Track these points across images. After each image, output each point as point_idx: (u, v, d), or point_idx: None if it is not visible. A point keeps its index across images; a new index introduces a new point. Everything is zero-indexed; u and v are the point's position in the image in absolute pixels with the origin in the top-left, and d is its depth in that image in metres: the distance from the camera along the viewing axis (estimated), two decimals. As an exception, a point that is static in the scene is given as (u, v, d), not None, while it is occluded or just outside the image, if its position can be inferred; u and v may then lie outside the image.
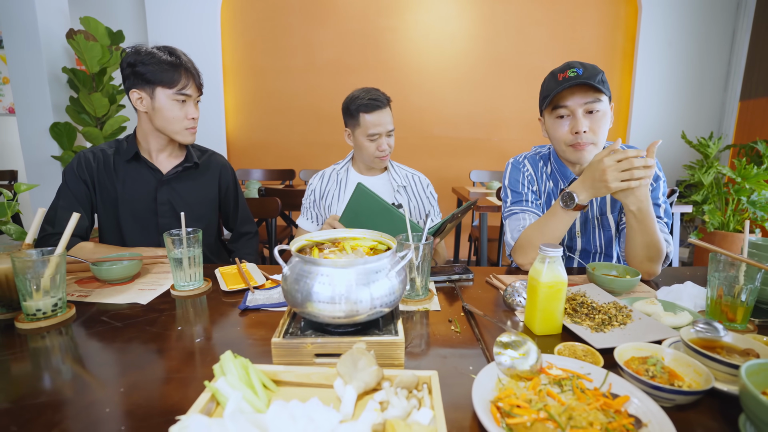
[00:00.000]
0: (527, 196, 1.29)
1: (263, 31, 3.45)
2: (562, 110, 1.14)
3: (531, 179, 1.31)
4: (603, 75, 1.12)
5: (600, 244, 1.29)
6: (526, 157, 1.34)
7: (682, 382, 0.59)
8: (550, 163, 1.31)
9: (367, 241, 0.83)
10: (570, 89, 1.11)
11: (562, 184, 1.27)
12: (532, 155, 1.35)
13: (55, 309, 0.83)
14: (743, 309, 0.79)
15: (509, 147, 3.61)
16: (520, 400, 0.55)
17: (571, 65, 1.14)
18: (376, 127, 1.41)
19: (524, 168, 1.32)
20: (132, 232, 1.32)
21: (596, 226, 1.28)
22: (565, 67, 1.14)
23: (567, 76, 1.12)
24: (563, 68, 1.14)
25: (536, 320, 0.80)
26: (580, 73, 1.11)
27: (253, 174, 3.26)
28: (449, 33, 3.44)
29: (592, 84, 1.08)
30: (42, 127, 2.78)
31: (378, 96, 1.42)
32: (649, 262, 1.09)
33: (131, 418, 0.56)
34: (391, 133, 1.45)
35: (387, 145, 1.45)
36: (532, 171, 1.31)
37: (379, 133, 1.42)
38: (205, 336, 0.80)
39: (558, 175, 1.28)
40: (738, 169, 2.83)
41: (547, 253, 0.78)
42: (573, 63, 1.14)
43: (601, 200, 1.27)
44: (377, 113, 1.41)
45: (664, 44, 3.38)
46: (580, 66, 1.12)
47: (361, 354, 0.59)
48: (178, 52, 1.26)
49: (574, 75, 1.11)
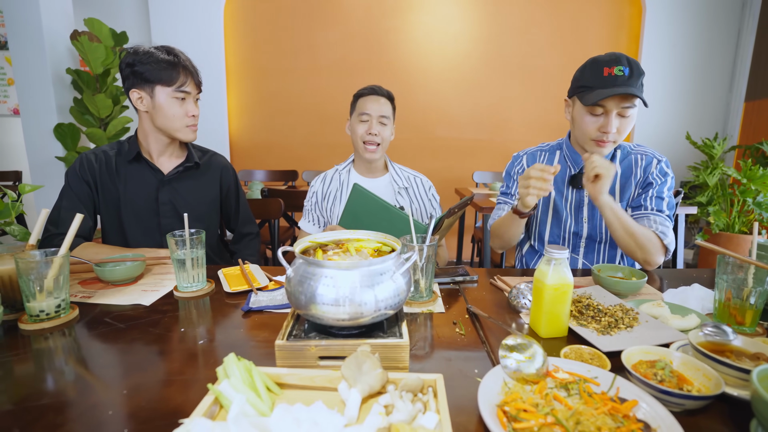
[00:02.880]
0: (513, 190, 1.41)
1: (266, 32, 3.46)
2: (598, 109, 1.15)
3: (523, 170, 1.38)
4: (643, 77, 1.12)
5: (606, 232, 1.32)
6: (526, 153, 1.43)
7: (691, 387, 0.58)
8: (560, 151, 1.36)
9: (372, 243, 0.83)
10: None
11: (572, 170, 1.32)
12: (534, 151, 1.42)
13: (59, 310, 0.83)
14: (752, 312, 0.78)
15: (512, 148, 3.60)
16: (526, 404, 0.54)
17: (619, 60, 1.11)
18: (368, 109, 1.44)
19: (519, 163, 1.42)
20: (134, 232, 1.32)
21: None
22: (613, 61, 1.11)
23: (613, 75, 1.10)
24: (610, 62, 1.11)
25: (542, 323, 0.79)
26: (627, 73, 1.09)
27: (256, 175, 3.26)
28: (452, 34, 3.43)
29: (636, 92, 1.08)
30: (46, 128, 2.79)
31: (377, 87, 1.48)
32: (642, 251, 1.16)
33: (134, 421, 0.55)
34: (384, 121, 1.45)
35: (378, 131, 1.43)
36: (527, 164, 1.40)
37: (370, 115, 1.43)
38: (208, 338, 0.79)
39: (569, 161, 1.33)
40: (743, 170, 2.81)
41: (552, 255, 0.77)
42: (620, 58, 1.11)
43: (610, 189, 1.28)
44: (371, 97, 1.46)
45: (668, 45, 3.36)
46: (627, 64, 1.10)
47: (366, 357, 0.58)
48: (176, 50, 1.26)
49: (620, 75, 1.10)
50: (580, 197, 1.33)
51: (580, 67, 1.21)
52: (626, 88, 1.09)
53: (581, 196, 1.32)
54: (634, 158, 1.31)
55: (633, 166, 1.30)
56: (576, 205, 1.33)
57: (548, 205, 1.37)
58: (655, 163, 1.28)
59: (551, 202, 1.36)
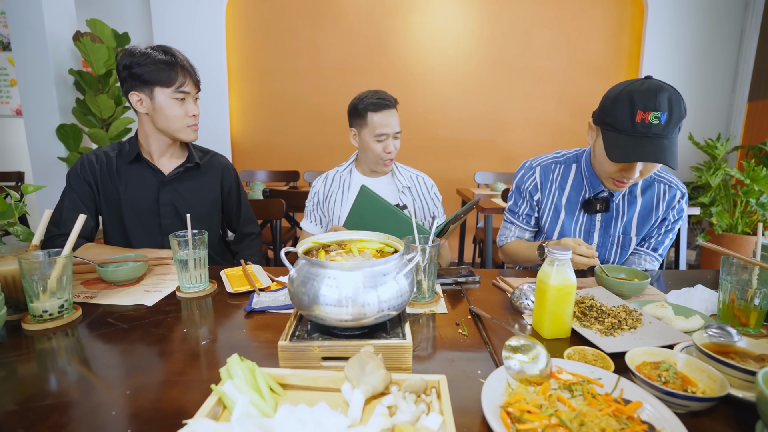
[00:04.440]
0: (522, 209, 1.34)
1: (268, 33, 3.46)
2: None
3: (534, 188, 1.30)
4: (683, 120, 1.00)
5: (617, 259, 1.29)
6: (539, 164, 1.30)
7: (695, 388, 0.58)
8: (576, 165, 1.26)
9: (374, 244, 0.83)
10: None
11: (588, 192, 1.23)
12: (549, 162, 1.30)
13: (62, 310, 0.83)
14: (756, 313, 0.78)
15: (514, 149, 3.60)
16: (530, 405, 0.54)
17: (658, 103, 0.95)
18: (384, 128, 1.41)
19: (531, 177, 1.31)
20: (136, 233, 1.32)
21: (615, 243, 1.26)
22: (650, 102, 0.96)
23: (647, 122, 0.96)
24: (647, 103, 0.96)
25: (545, 323, 0.79)
26: (664, 120, 0.96)
27: (258, 175, 3.27)
28: (454, 35, 3.43)
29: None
30: (49, 128, 2.80)
31: (386, 96, 1.43)
32: None
33: (137, 422, 0.55)
34: (397, 135, 1.45)
35: (393, 147, 1.44)
36: (540, 180, 1.29)
37: (387, 134, 1.42)
38: (211, 338, 0.79)
39: (586, 182, 1.23)
40: (746, 170, 2.80)
41: (556, 256, 0.77)
42: (660, 99, 0.95)
43: (627, 220, 1.23)
44: (385, 113, 1.41)
45: (670, 45, 3.36)
46: (667, 107, 0.96)
47: (369, 358, 0.58)
48: (173, 50, 1.25)
49: (655, 123, 0.96)
50: (591, 222, 1.26)
51: (614, 92, 1.03)
52: (658, 145, 0.95)
53: (593, 221, 1.26)
54: (658, 189, 1.22)
55: (656, 198, 1.22)
56: (586, 229, 1.27)
57: (556, 224, 1.29)
58: (678, 197, 1.21)
59: (559, 224, 1.28)
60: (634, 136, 0.99)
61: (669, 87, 0.99)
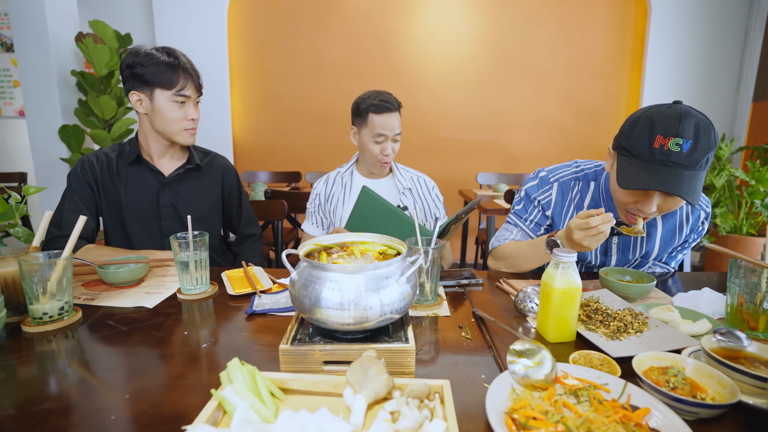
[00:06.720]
0: (532, 216, 1.24)
1: (270, 33, 3.46)
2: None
3: (548, 203, 1.21)
4: (712, 152, 0.88)
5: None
6: (557, 180, 1.21)
7: (705, 395, 0.57)
8: (595, 183, 1.17)
9: (377, 246, 0.82)
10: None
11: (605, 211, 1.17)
12: (568, 179, 1.20)
13: (62, 312, 0.83)
14: (766, 317, 0.77)
15: (516, 149, 3.58)
16: (535, 411, 0.53)
17: (681, 128, 0.85)
18: (383, 130, 1.39)
19: (547, 191, 1.21)
20: (138, 234, 1.32)
21: (632, 265, 1.23)
22: (671, 128, 0.86)
23: (666, 149, 0.86)
24: (668, 128, 0.86)
25: (549, 327, 0.78)
26: (686, 148, 0.85)
27: (260, 176, 3.27)
28: (456, 35, 3.42)
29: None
30: (51, 129, 2.80)
31: (389, 99, 1.41)
32: None
33: (136, 426, 0.54)
34: (397, 138, 1.44)
35: (391, 149, 1.43)
36: (556, 198, 1.20)
37: (386, 136, 1.41)
38: (212, 341, 0.78)
39: (604, 203, 1.15)
40: (751, 171, 2.78)
41: (561, 258, 0.76)
42: (685, 125, 0.85)
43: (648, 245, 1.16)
44: (386, 115, 1.40)
45: (674, 45, 3.34)
46: (693, 134, 0.85)
47: (371, 362, 0.57)
48: (177, 52, 1.24)
49: (676, 150, 0.85)
50: (607, 244, 1.19)
51: (636, 114, 0.95)
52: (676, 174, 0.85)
53: (609, 242, 1.19)
54: (680, 211, 1.14)
55: (679, 222, 1.15)
56: (602, 251, 1.21)
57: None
58: (702, 217, 1.14)
59: None
60: (650, 162, 0.89)
61: (698, 114, 0.89)
